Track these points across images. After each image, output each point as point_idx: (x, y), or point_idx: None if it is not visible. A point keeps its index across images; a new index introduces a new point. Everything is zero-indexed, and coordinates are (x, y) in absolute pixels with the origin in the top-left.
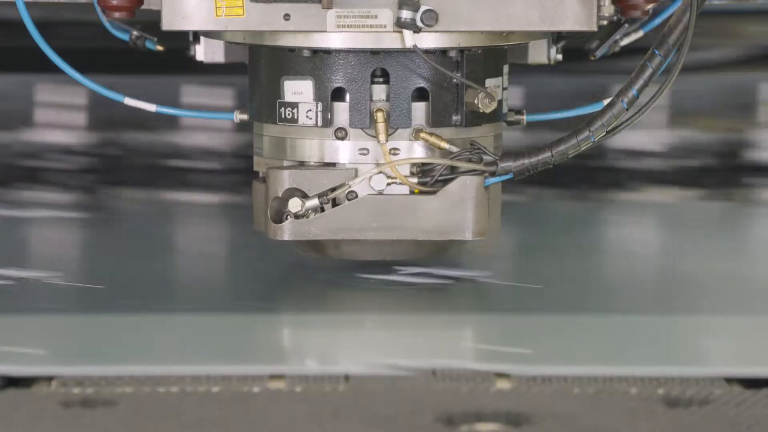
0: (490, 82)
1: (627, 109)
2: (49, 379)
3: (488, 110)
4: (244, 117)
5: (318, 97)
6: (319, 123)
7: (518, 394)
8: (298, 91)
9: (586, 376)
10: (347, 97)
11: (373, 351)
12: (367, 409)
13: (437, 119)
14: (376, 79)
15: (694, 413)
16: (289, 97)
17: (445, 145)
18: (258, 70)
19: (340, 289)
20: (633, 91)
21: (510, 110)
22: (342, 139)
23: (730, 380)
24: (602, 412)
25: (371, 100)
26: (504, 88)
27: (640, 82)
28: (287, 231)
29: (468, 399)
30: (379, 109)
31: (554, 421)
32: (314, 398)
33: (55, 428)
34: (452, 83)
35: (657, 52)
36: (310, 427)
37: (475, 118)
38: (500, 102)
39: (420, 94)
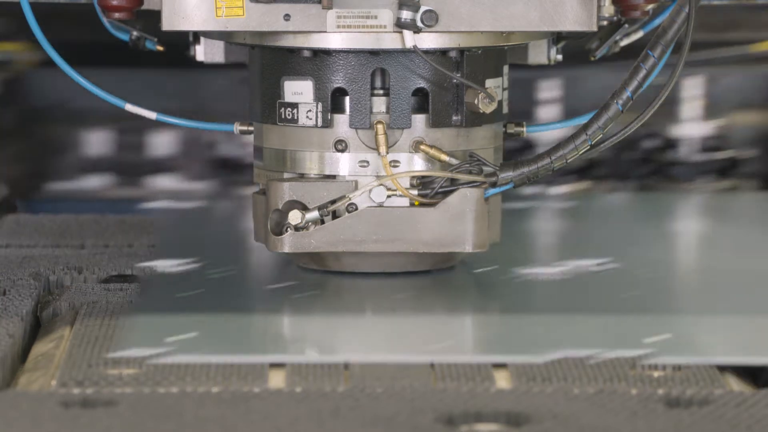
0: (490, 83)
1: (622, 111)
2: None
3: (488, 110)
4: (245, 128)
5: (318, 97)
6: (319, 123)
7: (518, 394)
8: (298, 91)
9: (586, 377)
10: (347, 100)
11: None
12: (367, 409)
13: (437, 120)
14: (375, 91)
15: (694, 413)
16: (289, 97)
17: (445, 157)
18: (258, 70)
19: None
20: (627, 93)
21: (509, 122)
22: (342, 151)
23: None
24: (602, 412)
25: (371, 111)
26: (504, 89)
27: (635, 83)
28: (287, 243)
29: (468, 399)
30: (379, 122)
31: (554, 421)
32: (314, 398)
33: (55, 428)
34: (452, 83)
35: (651, 53)
36: (310, 427)
37: (475, 119)
38: (500, 102)
39: (420, 98)
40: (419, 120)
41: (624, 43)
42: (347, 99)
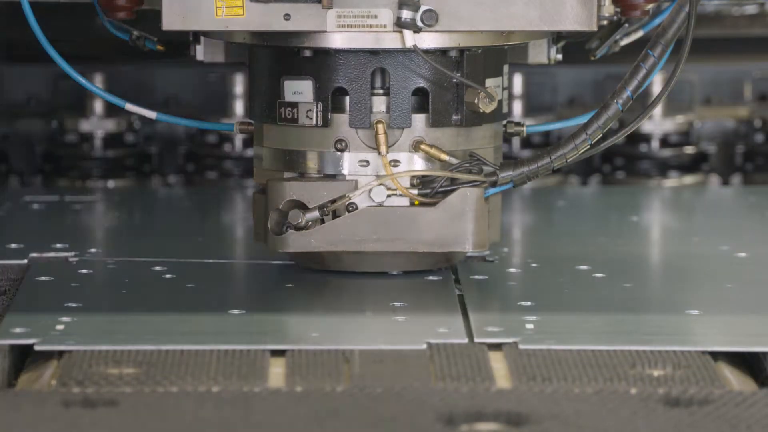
0: (490, 82)
1: (622, 111)
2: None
3: (488, 110)
4: (244, 128)
5: (318, 97)
6: (319, 123)
7: (518, 394)
8: (298, 91)
9: (586, 376)
10: (347, 99)
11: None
12: (367, 409)
13: (437, 119)
14: (375, 91)
15: (694, 413)
16: (289, 97)
17: (445, 156)
18: (258, 70)
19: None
20: (627, 93)
21: (509, 122)
22: (342, 150)
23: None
24: (602, 412)
25: (371, 111)
26: (504, 88)
27: (635, 83)
28: (287, 243)
29: (468, 399)
30: (380, 121)
31: (554, 421)
32: (314, 398)
33: (55, 428)
34: (452, 83)
35: (651, 53)
36: (310, 427)
37: (475, 118)
38: (500, 102)
39: (420, 98)
40: (419, 119)
41: (624, 42)
42: (347, 98)
